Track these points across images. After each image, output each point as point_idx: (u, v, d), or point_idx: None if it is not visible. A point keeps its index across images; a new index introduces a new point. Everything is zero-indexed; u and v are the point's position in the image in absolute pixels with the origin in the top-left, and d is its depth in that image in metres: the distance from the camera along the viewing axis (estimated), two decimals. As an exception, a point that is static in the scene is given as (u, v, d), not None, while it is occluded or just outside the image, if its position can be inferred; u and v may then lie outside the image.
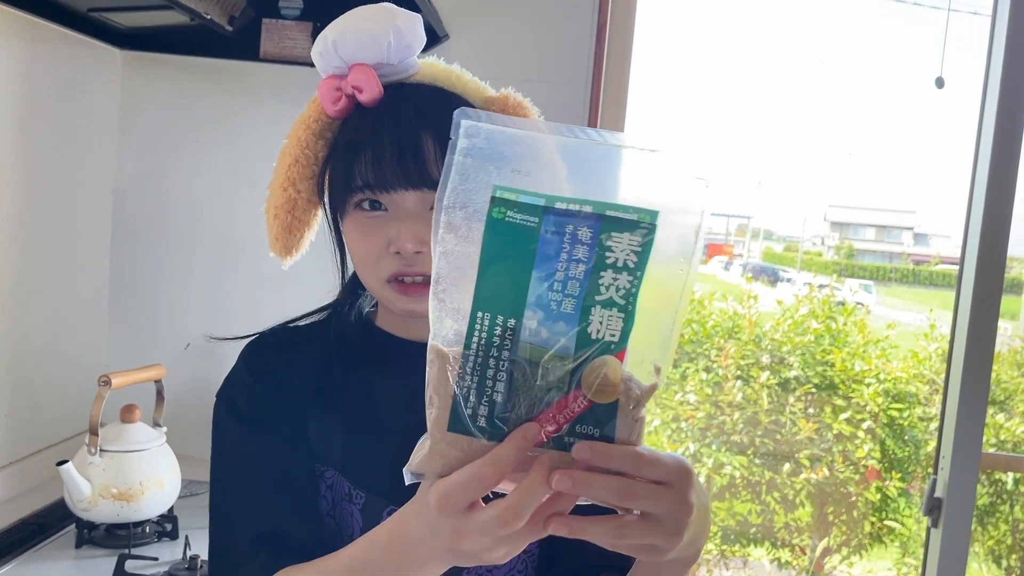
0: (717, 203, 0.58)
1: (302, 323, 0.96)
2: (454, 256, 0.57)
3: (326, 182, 0.89)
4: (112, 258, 1.90)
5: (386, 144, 0.82)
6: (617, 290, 0.56)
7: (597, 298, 0.56)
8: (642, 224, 0.55)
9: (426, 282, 0.83)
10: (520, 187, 0.56)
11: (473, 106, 0.89)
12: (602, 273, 0.56)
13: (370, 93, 0.84)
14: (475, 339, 0.57)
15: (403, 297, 0.85)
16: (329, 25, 0.87)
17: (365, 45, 0.84)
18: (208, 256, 1.91)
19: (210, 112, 1.89)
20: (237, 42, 1.77)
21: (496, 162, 0.57)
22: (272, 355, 0.93)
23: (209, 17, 1.61)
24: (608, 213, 0.55)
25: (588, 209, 0.56)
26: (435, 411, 0.58)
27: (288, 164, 0.89)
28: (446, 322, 0.58)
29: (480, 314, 0.56)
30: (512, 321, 0.56)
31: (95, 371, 1.63)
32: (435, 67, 0.90)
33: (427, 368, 0.59)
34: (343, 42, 0.85)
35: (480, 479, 0.57)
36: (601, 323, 0.56)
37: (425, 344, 0.92)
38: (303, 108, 0.91)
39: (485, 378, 0.57)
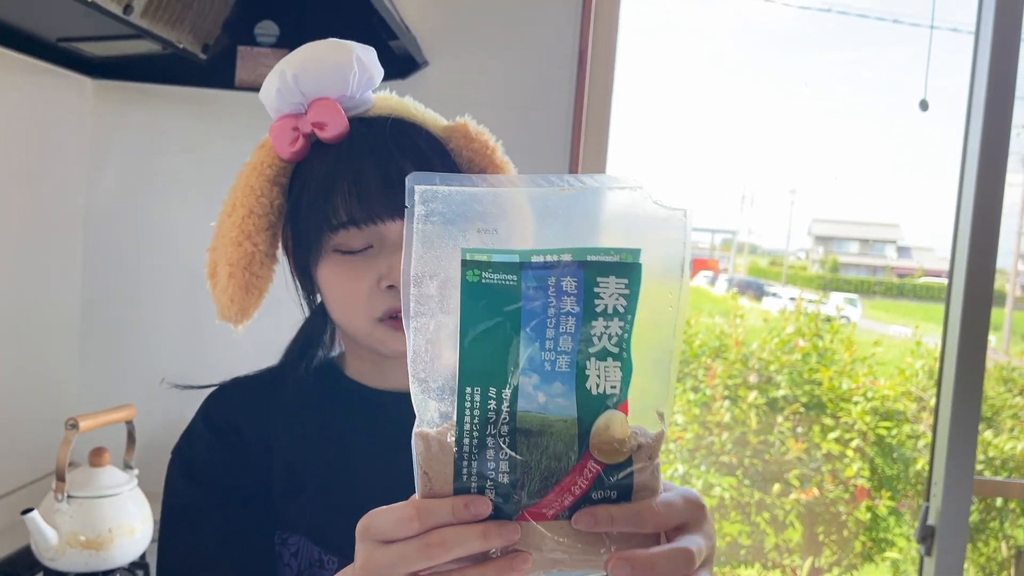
0: (699, 225, 0.55)
1: (265, 374, 0.91)
2: (429, 330, 0.53)
3: (288, 230, 0.85)
4: (83, 291, 1.85)
5: (369, 174, 0.78)
6: (610, 339, 0.52)
7: (591, 350, 0.52)
8: (626, 264, 0.52)
9: None
10: (489, 247, 0.52)
11: (434, 136, 0.86)
12: (593, 323, 0.52)
13: (335, 128, 0.81)
14: (467, 418, 0.52)
15: (395, 333, 0.80)
16: (283, 60, 0.83)
17: (329, 77, 0.81)
18: (182, 287, 1.86)
19: (184, 141, 1.85)
20: (211, 70, 1.74)
21: (459, 224, 0.53)
22: (235, 410, 0.88)
23: (182, 46, 1.57)
24: (589, 258, 0.52)
25: (567, 257, 0.52)
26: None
27: (242, 216, 0.83)
28: (430, 404, 0.53)
29: (469, 390, 0.52)
30: (506, 391, 0.52)
31: (64, 408, 1.58)
32: (390, 100, 0.88)
33: (416, 456, 0.53)
34: (304, 76, 0.81)
35: (399, 520, 0.53)
36: (599, 376, 0.52)
37: (400, 393, 0.88)
38: None
39: (486, 460, 0.52)
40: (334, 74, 0.81)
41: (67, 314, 1.83)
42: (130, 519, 1.40)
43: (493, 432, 0.52)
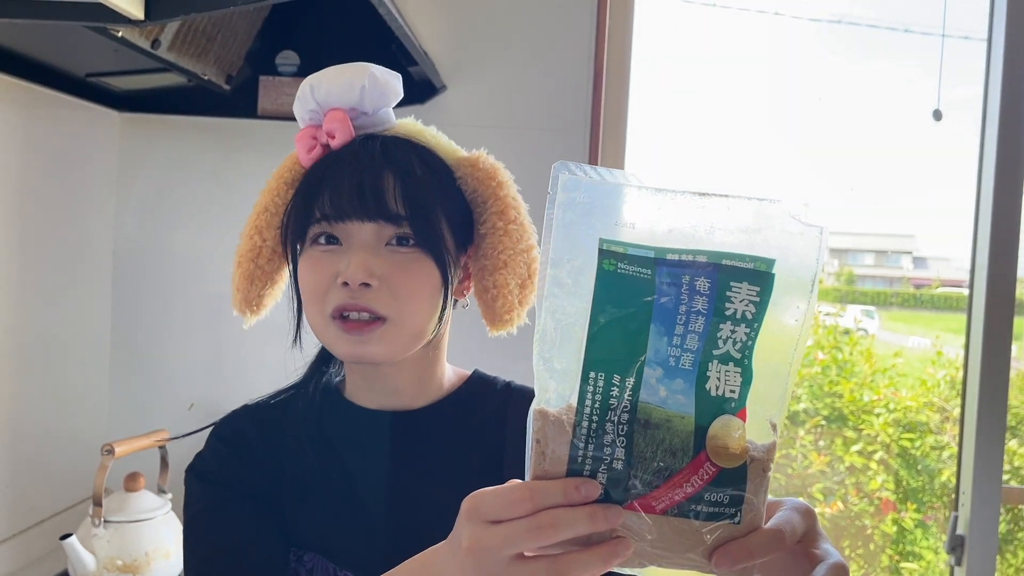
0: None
1: (272, 400, 0.94)
2: (561, 313, 0.54)
3: (288, 227, 0.89)
4: (113, 321, 1.88)
5: (345, 177, 0.83)
6: (734, 343, 0.53)
7: (715, 352, 0.53)
8: (759, 272, 0.53)
9: (371, 320, 0.82)
10: (625, 240, 0.53)
11: (443, 161, 0.90)
12: (721, 325, 0.53)
13: (342, 138, 0.86)
14: (588, 401, 0.52)
15: (345, 336, 0.82)
16: (309, 76, 0.89)
17: (339, 88, 0.86)
18: (209, 314, 1.89)
19: (208, 170, 1.88)
20: (235, 100, 1.77)
21: (599, 216, 0.54)
22: (246, 431, 0.91)
23: (207, 78, 1.61)
24: (724, 262, 0.53)
25: (702, 259, 0.53)
26: None
27: (257, 213, 0.89)
28: (550, 384, 0.54)
29: (593, 374, 0.52)
30: (631, 380, 0.52)
31: (97, 437, 1.61)
32: (411, 125, 0.92)
33: (531, 434, 0.54)
34: (319, 86, 0.86)
35: (511, 501, 0.54)
36: (719, 379, 0.53)
37: (395, 413, 0.90)
38: None
39: (603, 444, 0.53)
40: (343, 86, 0.86)
41: (97, 343, 1.86)
42: (165, 543, 1.42)
43: (612, 419, 0.52)
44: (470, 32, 1.84)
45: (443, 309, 0.87)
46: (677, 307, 0.52)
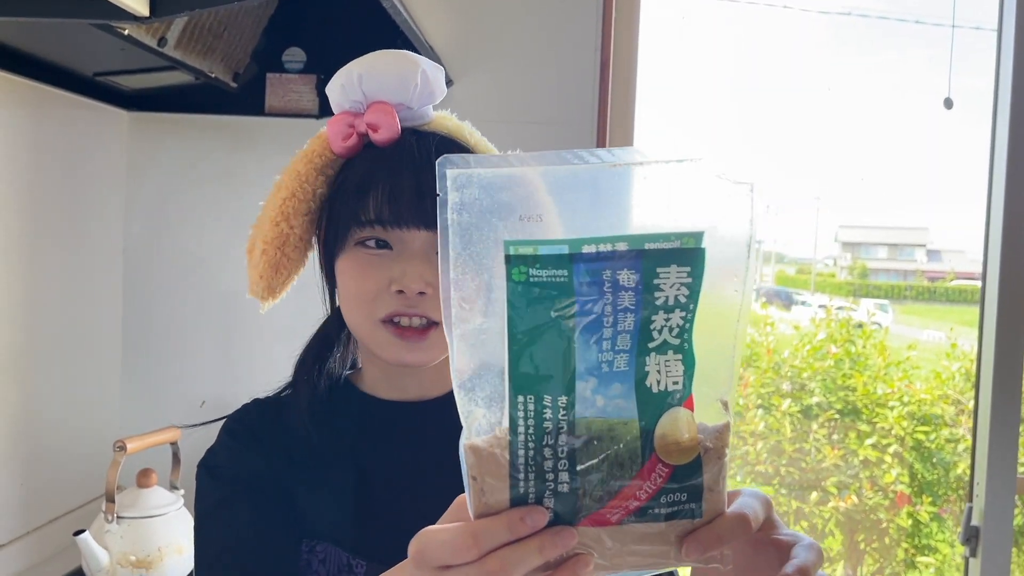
0: (762, 211, 0.49)
1: (282, 393, 0.93)
2: (475, 338, 0.48)
3: (323, 219, 0.87)
4: (124, 319, 1.89)
5: (405, 180, 0.81)
6: (671, 331, 0.48)
7: (650, 345, 0.48)
8: (688, 250, 0.48)
9: (425, 327, 0.82)
10: (534, 237, 0.47)
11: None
12: (653, 317, 0.48)
13: (387, 132, 0.83)
14: (520, 428, 0.48)
15: (397, 341, 0.81)
16: (354, 61, 0.86)
17: (392, 83, 0.84)
18: (219, 311, 1.90)
19: (216, 168, 1.89)
20: (242, 98, 1.78)
21: (499, 213, 0.48)
22: (256, 425, 0.90)
23: (214, 75, 1.61)
24: (648, 247, 0.47)
25: (623, 246, 0.47)
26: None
27: (283, 198, 0.86)
28: (476, 413, 0.49)
29: (522, 398, 0.47)
30: (563, 399, 0.47)
31: (109, 435, 1.62)
32: (448, 120, 0.90)
33: (466, 473, 0.50)
34: (370, 77, 0.84)
35: (456, 548, 0.50)
36: (660, 372, 0.48)
37: (411, 403, 0.89)
38: None
39: (544, 471, 0.48)
40: (396, 81, 0.83)
41: (109, 341, 1.87)
42: (178, 538, 1.43)
43: (550, 443, 0.48)
44: (476, 26, 1.84)
45: None
46: (603, 309, 0.47)
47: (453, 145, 0.86)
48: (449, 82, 1.80)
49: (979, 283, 2.00)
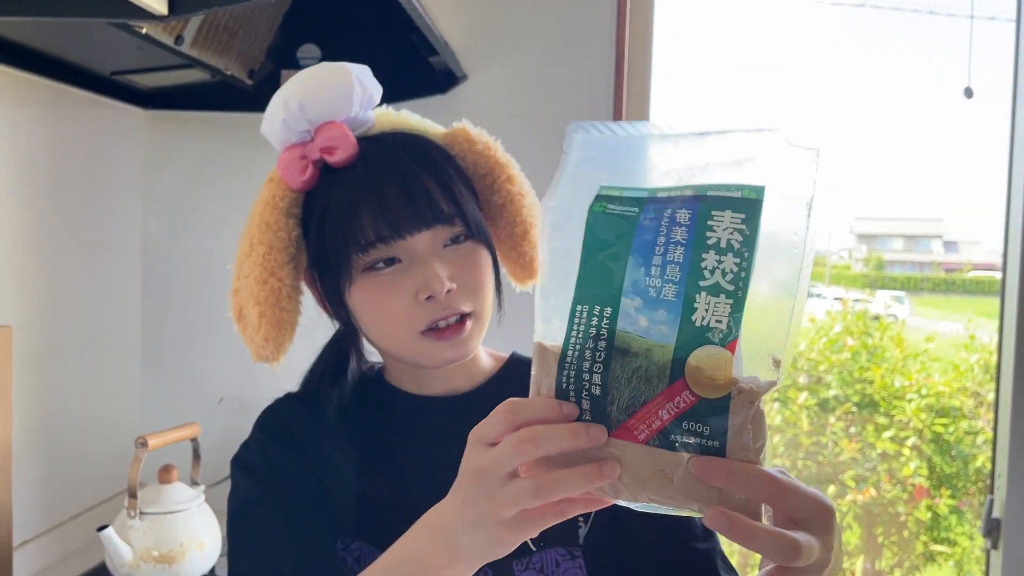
0: (827, 178, 0.52)
1: (313, 389, 0.93)
2: (559, 254, 0.57)
3: (311, 259, 0.85)
4: (143, 316, 1.91)
5: (391, 190, 0.79)
6: (724, 274, 0.51)
7: (702, 284, 0.52)
8: (746, 200, 0.52)
9: (462, 320, 0.82)
10: (624, 185, 0.56)
11: (439, 144, 0.89)
12: (704, 255, 0.52)
13: (345, 151, 0.81)
14: (574, 332, 0.55)
15: (441, 343, 0.82)
16: (282, 90, 0.83)
17: (334, 101, 0.81)
18: (238, 309, 1.91)
19: (233, 165, 1.90)
20: (258, 95, 1.78)
21: (604, 166, 0.57)
22: (289, 419, 0.90)
23: (229, 73, 1.62)
24: (709, 193, 0.52)
25: (689, 192, 0.53)
26: None
27: (263, 254, 0.83)
28: (548, 319, 0.57)
29: (579, 307, 0.55)
30: (608, 310, 0.54)
31: (130, 431, 1.63)
32: (388, 115, 0.89)
33: (532, 366, 0.58)
34: (310, 103, 0.81)
35: (521, 452, 0.55)
36: (707, 310, 0.52)
37: (441, 398, 0.90)
38: None
39: (582, 371, 0.54)
40: (338, 96, 0.81)
41: (128, 339, 1.88)
42: (199, 533, 1.44)
43: (591, 346, 0.54)
44: (491, 20, 1.84)
45: (498, 289, 0.88)
46: (656, 239, 0.53)
47: (412, 139, 0.85)
48: (463, 77, 1.80)
49: (997, 274, 1.99)
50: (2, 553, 1.34)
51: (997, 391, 1.95)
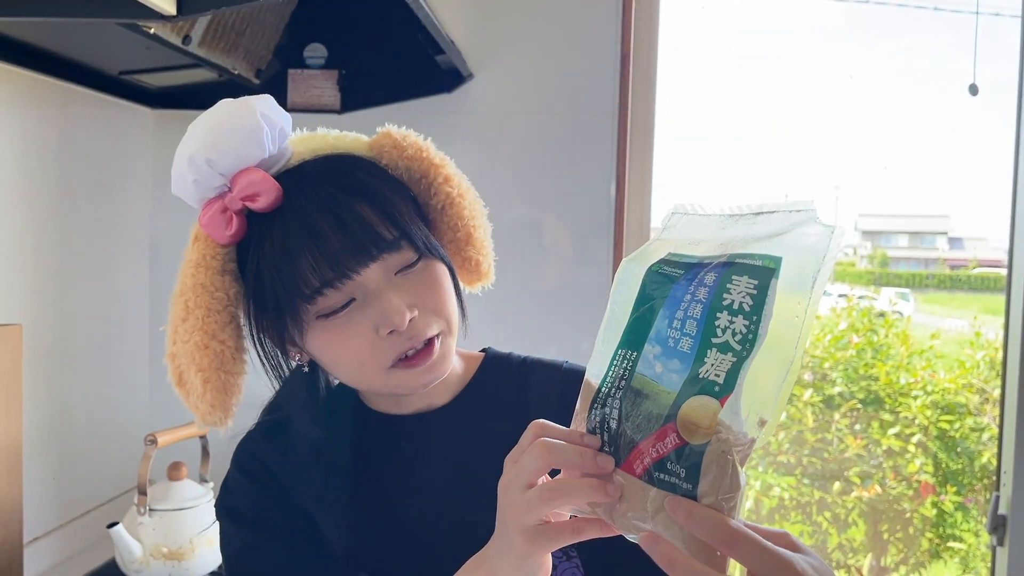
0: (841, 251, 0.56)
1: (281, 419, 0.89)
2: (616, 305, 0.63)
3: (254, 316, 0.79)
4: (152, 315, 1.92)
5: (325, 228, 0.73)
6: (734, 334, 0.56)
7: (714, 340, 0.56)
8: (762, 268, 0.56)
9: (429, 344, 0.78)
10: (689, 253, 0.61)
11: (365, 159, 0.82)
12: (718, 314, 0.56)
13: (268, 197, 0.75)
14: (609, 372, 0.62)
15: (411, 372, 0.78)
16: (184, 145, 0.77)
17: (244, 147, 0.75)
18: (245, 307, 1.92)
19: (241, 164, 1.90)
20: (264, 94, 1.79)
21: (677, 239, 0.63)
22: (264, 454, 0.86)
23: (237, 72, 1.63)
24: (737, 261, 0.57)
25: (722, 259, 0.58)
26: None
27: (201, 318, 0.77)
28: (599, 361, 0.63)
29: (620, 351, 0.61)
30: (634, 354, 0.60)
31: (139, 429, 1.64)
32: (307, 140, 0.82)
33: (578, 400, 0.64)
34: (220, 155, 0.75)
35: (536, 456, 0.61)
36: (712, 365, 0.56)
37: (420, 415, 0.87)
38: None
39: (606, 407, 0.61)
40: (248, 141, 0.75)
41: (137, 337, 1.89)
42: (208, 530, 1.45)
43: (617, 384, 0.61)
44: (496, 19, 1.85)
45: (459, 297, 0.85)
46: (683, 296, 0.58)
47: (335, 162, 0.79)
48: (469, 75, 1.80)
49: (1002, 271, 1.99)
50: (13, 550, 1.36)
51: (1003, 388, 1.95)
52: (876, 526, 3.67)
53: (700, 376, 0.56)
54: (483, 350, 0.94)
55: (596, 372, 0.63)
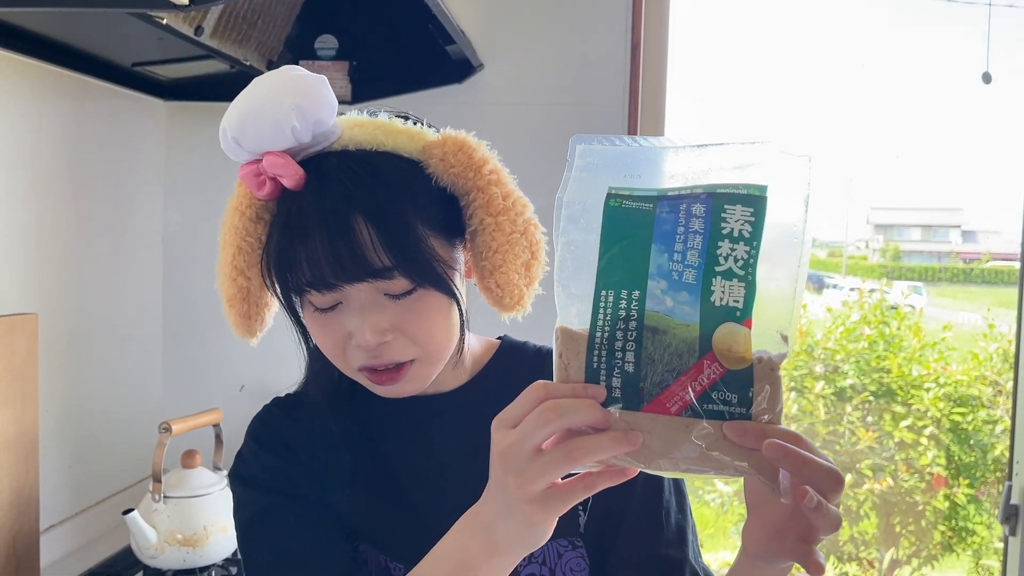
0: (819, 180, 0.60)
1: (300, 393, 0.91)
2: (575, 245, 0.61)
3: (265, 275, 0.82)
4: (165, 305, 1.93)
5: (316, 242, 0.74)
6: (736, 260, 0.58)
7: (717, 269, 0.58)
8: (752, 196, 0.58)
9: (399, 366, 0.79)
10: (633, 187, 0.61)
11: (407, 159, 0.80)
12: (719, 243, 0.58)
13: (291, 179, 0.76)
14: (600, 315, 0.59)
15: (378, 386, 0.80)
16: (225, 115, 0.78)
17: (268, 135, 0.75)
18: (257, 297, 1.93)
19: (253, 156, 1.91)
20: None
21: (610, 172, 0.62)
22: (280, 426, 0.89)
23: (248, 63, 1.63)
24: (720, 191, 0.58)
25: (699, 191, 0.59)
26: None
27: (232, 254, 0.82)
28: (570, 307, 0.61)
29: (604, 292, 0.59)
30: (637, 292, 0.59)
31: (153, 418, 1.65)
32: (359, 127, 0.80)
33: (555, 350, 0.61)
34: (244, 137, 0.76)
35: (544, 421, 0.58)
36: (724, 292, 0.58)
37: (432, 396, 0.88)
38: None
39: (614, 351, 0.59)
40: (273, 131, 0.75)
41: (151, 326, 1.91)
42: (223, 517, 1.46)
43: (622, 327, 0.59)
44: (507, 9, 1.85)
45: (461, 322, 0.84)
46: (675, 229, 0.58)
47: (360, 167, 0.77)
48: (480, 65, 1.81)
49: (1016, 264, 1.98)
50: (30, 537, 1.37)
51: (1015, 380, 1.94)
52: (888, 519, 3.66)
53: (716, 304, 0.58)
54: (500, 338, 0.96)
55: (575, 318, 0.60)
